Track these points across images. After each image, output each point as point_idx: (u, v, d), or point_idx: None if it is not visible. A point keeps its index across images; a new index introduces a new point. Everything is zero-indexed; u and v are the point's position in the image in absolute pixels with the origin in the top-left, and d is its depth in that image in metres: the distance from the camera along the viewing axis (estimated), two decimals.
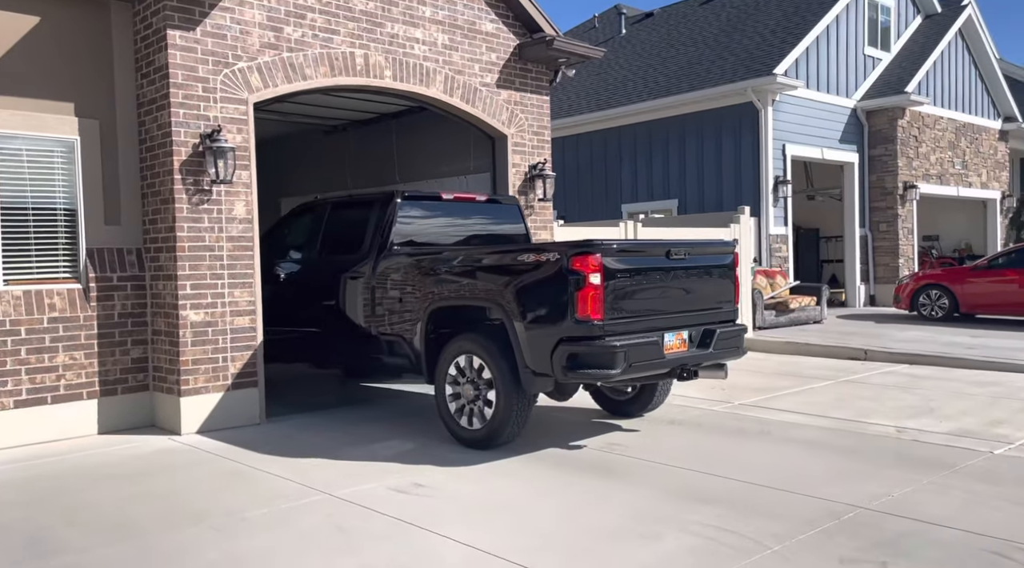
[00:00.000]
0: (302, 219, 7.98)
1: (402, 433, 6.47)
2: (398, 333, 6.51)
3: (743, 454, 5.66)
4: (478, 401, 5.80)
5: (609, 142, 16.91)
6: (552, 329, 5.32)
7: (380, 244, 6.81)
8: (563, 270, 5.26)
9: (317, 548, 4.02)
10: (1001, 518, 4.24)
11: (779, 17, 16.70)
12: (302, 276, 7.55)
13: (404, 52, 8.08)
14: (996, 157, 20.26)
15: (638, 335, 5.45)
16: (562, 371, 5.28)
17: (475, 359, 5.77)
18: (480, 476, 5.22)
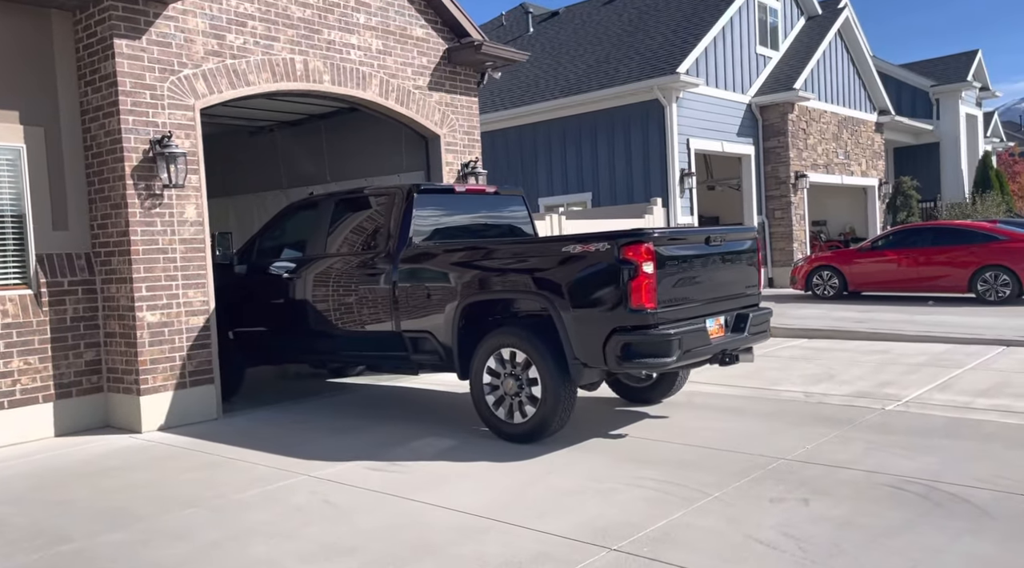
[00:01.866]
0: (300, 216, 7.71)
1: (362, 420, 6.88)
2: (424, 329, 6.33)
3: (677, 422, 6.37)
4: (520, 395, 5.74)
5: (524, 138, 17.54)
6: (605, 319, 5.29)
7: (399, 239, 6.57)
8: (615, 260, 5.22)
9: (313, 519, 4.43)
10: (895, 460, 5.06)
11: (679, 18, 17.72)
12: (305, 274, 7.22)
13: (341, 57, 8.41)
14: (873, 147, 22.08)
15: (686, 322, 5.47)
16: (616, 361, 5.27)
17: (517, 352, 5.71)
18: (449, 452, 5.72)
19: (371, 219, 7.03)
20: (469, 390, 6.08)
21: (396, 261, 6.49)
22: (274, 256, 7.62)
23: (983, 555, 3.58)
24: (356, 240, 7.09)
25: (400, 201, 6.68)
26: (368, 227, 7.03)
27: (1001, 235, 14.10)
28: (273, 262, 7.52)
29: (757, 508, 4.28)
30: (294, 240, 7.63)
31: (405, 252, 6.49)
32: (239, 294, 7.75)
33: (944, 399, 6.73)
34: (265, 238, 7.87)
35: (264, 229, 7.97)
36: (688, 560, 3.63)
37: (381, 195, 6.98)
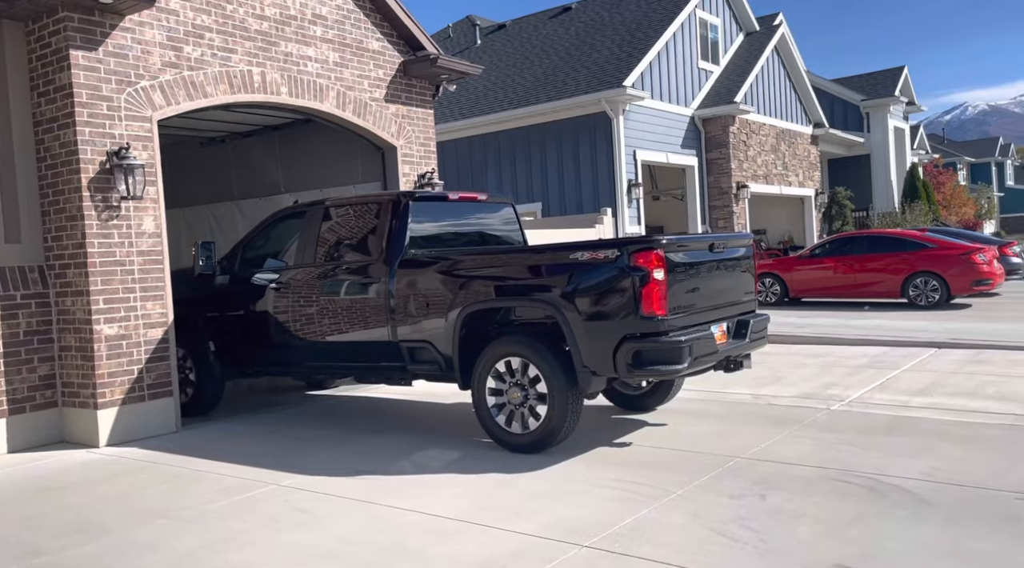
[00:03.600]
0: (286, 225, 7.53)
1: (327, 430, 6.92)
2: (423, 338, 6.21)
3: (634, 424, 6.59)
4: (526, 404, 5.67)
5: (474, 149, 17.72)
6: (615, 327, 5.27)
7: (396, 248, 6.44)
8: (626, 267, 5.21)
9: (287, 527, 4.48)
10: (842, 456, 5.36)
11: (623, 33, 18.17)
12: (293, 284, 7.04)
13: (298, 69, 8.46)
14: (810, 159, 22.93)
15: (694, 329, 5.45)
16: (626, 368, 5.25)
17: (522, 361, 5.64)
18: (417, 460, 5.82)
19: (363, 227, 6.90)
20: (471, 400, 5.98)
21: (392, 269, 6.36)
22: (259, 265, 7.45)
23: (925, 540, 3.86)
24: (347, 249, 6.97)
25: (394, 209, 6.55)
26: (360, 235, 6.91)
27: (930, 243, 14.84)
28: (258, 272, 7.37)
29: (718, 504, 4.51)
30: (280, 249, 7.47)
31: (401, 261, 6.36)
32: (221, 304, 7.61)
33: (884, 398, 7.11)
34: (249, 247, 7.66)
35: (247, 238, 7.76)
36: (657, 554, 3.83)
37: (373, 203, 6.86)
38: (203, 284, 7.65)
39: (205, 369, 7.57)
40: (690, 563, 3.70)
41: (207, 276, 7.59)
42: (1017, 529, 3.94)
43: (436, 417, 7.43)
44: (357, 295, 6.59)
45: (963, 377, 7.94)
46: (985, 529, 3.95)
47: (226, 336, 7.65)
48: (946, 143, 61.73)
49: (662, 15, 18.07)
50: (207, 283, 7.66)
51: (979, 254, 14.29)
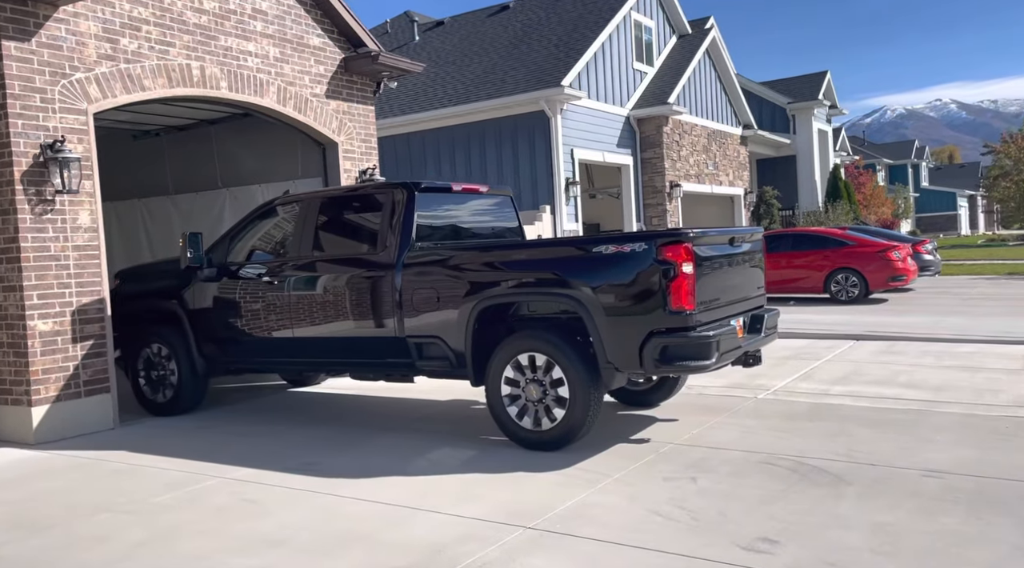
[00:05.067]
0: (275, 217, 7.25)
1: (271, 425, 6.95)
2: (432, 334, 6.00)
3: None
4: (544, 401, 5.54)
5: (413, 145, 17.76)
6: (642, 322, 5.17)
7: (402, 240, 6.20)
8: (653, 260, 5.11)
9: (236, 517, 4.55)
10: (767, 441, 5.70)
11: (561, 33, 18.46)
12: (288, 277, 6.75)
13: (239, 64, 8.42)
14: (739, 159, 23.70)
15: (717, 323, 5.39)
16: (653, 364, 5.16)
17: (541, 357, 5.50)
18: (359, 450, 5.93)
19: (365, 219, 6.68)
20: (485, 397, 5.84)
21: (399, 263, 6.13)
22: (249, 258, 7.18)
23: (841, 514, 4.19)
24: (348, 240, 6.83)
25: (400, 200, 6.31)
26: (362, 227, 6.71)
27: (851, 241, 15.59)
28: (248, 264, 7.10)
29: (653, 486, 4.77)
30: (273, 241, 7.22)
31: (409, 253, 6.14)
32: (208, 298, 7.29)
33: (807, 387, 7.53)
34: (237, 239, 7.32)
35: (236, 229, 7.41)
36: (597, 533, 4.05)
37: (375, 193, 6.67)
38: (187, 277, 7.35)
39: (188, 366, 7.32)
40: (628, 541, 3.93)
41: (193, 269, 7.26)
42: (921, 503, 4.30)
43: (388, 409, 7.54)
44: (359, 289, 6.34)
45: (878, 366, 8.45)
46: (893, 503, 4.31)
47: (212, 331, 7.28)
48: (866, 145, 64.34)
49: (598, 16, 18.43)
50: (193, 277, 7.33)
51: (895, 252, 15.08)
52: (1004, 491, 4.43)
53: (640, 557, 3.75)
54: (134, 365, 7.70)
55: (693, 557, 3.71)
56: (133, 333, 7.74)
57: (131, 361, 7.73)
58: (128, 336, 7.75)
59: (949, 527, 3.93)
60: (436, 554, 3.88)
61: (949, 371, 8.04)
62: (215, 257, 7.29)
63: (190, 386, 7.44)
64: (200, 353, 7.37)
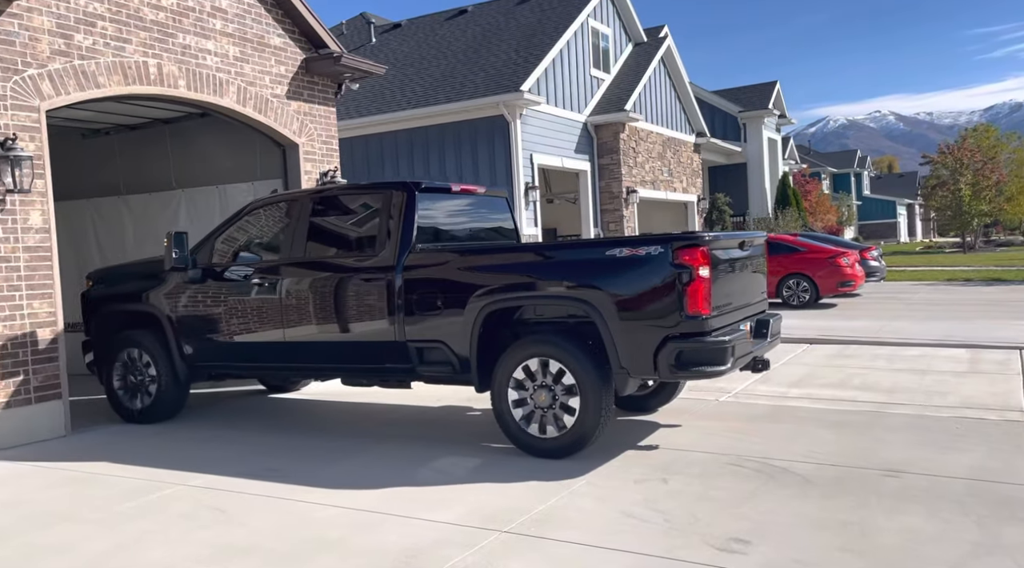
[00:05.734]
0: (268, 215, 7.00)
1: (228, 430, 6.82)
2: (435, 338, 5.81)
3: None
4: (553, 407, 5.40)
5: (371, 148, 17.62)
6: (657, 327, 5.07)
7: (403, 241, 5.99)
8: (669, 264, 5.02)
9: (202, 525, 4.46)
10: (732, 442, 5.81)
11: (520, 38, 18.54)
12: (280, 280, 6.50)
13: (197, 63, 8.25)
14: (693, 166, 24.09)
15: (729, 328, 5.32)
16: (669, 369, 5.07)
17: (551, 362, 5.37)
18: (327, 455, 5.86)
19: (362, 219, 6.46)
20: (491, 403, 5.67)
21: (399, 265, 5.93)
22: (236, 258, 6.92)
23: (808, 513, 4.29)
24: (345, 241, 6.61)
25: (400, 201, 6.10)
26: (359, 227, 6.49)
27: (801, 247, 15.97)
28: (236, 265, 6.84)
29: (624, 489, 4.81)
30: (263, 241, 6.98)
31: (410, 255, 5.96)
32: (192, 301, 6.99)
33: (765, 390, 7.69)
34: (225, 239, 7.05)
35: (223, 229, 7.12)
36: (572, 536, 4.07)
37: (373, 193, 6.47)
38: (169, 278, 7.06)
39: (169, 372, 7.03)
40: (604, 543, 3.97)
41: (177, 270, 6.94)
42: (881, 501, 4.43)
43: (343, 413, 7.46)
44: (357, 291, 6.13)
45: (832, 370, 8.68)
46: (857, 502, 4.43)
47: (196, 335, 6.98)
48: (812, 154, 66.05)
49: (556, 23, 18.55)
50: (178, 278, 7.02)
51: (844, 258, 15.51)
52: (960, 489, 4.59)
53: (616, 559, 3.78)
54: (109, 371, 7.37)
55: (668, 558, 3.75)
56: (108, 337, 7.43)
57: (106, 366, 7.39)
58: (103, 340, 7.44)
59: (911, 525, 4.06)
60: (411, 559, 3.85)
61: (900, 374, 8.29)
62: (200, 258, 6.99)
63: (171, 392, 7.15)
64: (182, 358, 7.06)
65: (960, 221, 40.15)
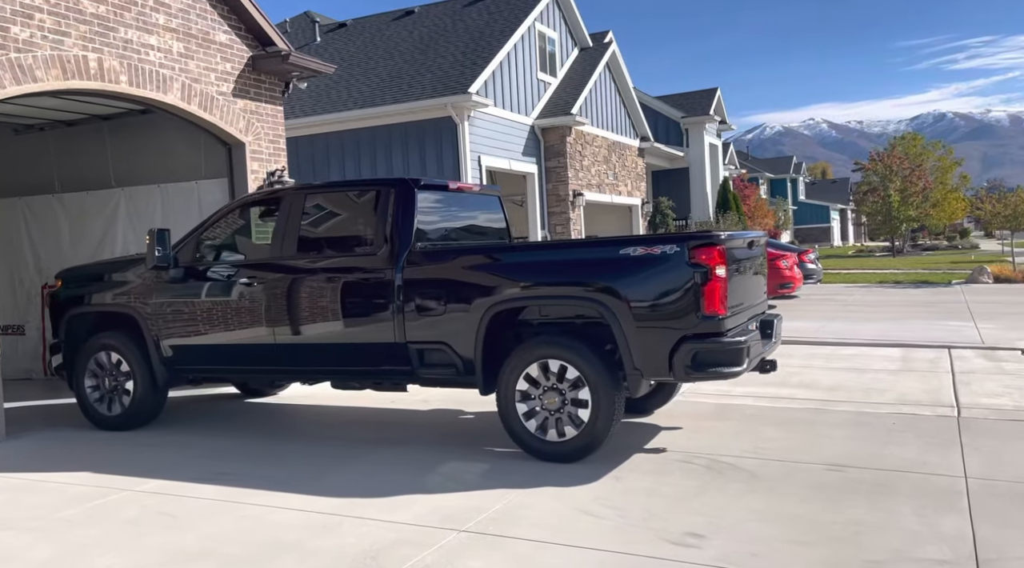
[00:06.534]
0: (253, 213, 6.79)
1: (178, 434, 6.66)
2: (437, 339, 5.64)
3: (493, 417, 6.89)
4: (563, 410, 5.29)
5: (316, 148, 17.40)
6: (673, 327, 4.99)
7: (401, 240, 5.83)
8: (685, 263, 4.95)
9: (151, 530, 4.35)
10: (681, 440, 5.92)
11: (467, 40, 18.56)
12: (270, 279, 6.24)
13: (139, 58, 8.04)
14: (637, 170, 24.46)
15: (741, 329, 5.28)
16: (684, 371, 4.99)
17: (561, 363, 5.26)
18: (281, 460, 5.78)
19: (358, 216, 6.29)
20: (496, 406, 5.53)
21: (399, 264, 5.76)
22: (222, 257, 6.69)
23: (758, 508, 4.42)
24: (341, 240, 6.37)
25: (399, 198, 5.94)
26: (355, 225, 6.33)
27: None
28: (224, 265, 6.57)
29: (579, 486, 4.87)
30: (251, 239, 6.73)
31: (411, 254, 5.80)
32: (173, 301, 6.65)
33: (710, 389, 7.84)
34: (209, 237, 6.78)
35: (207, 226, 6.83)
36: (530, 533, 4.11)
37: (369, 189, 6.29)
38: (147, 278, 6.74)
39: (146, 376, 6.69)
40: (561, 540, 4.02)
41: (158, 269, 6.62)
42: (826, 495, 4.60)
43: (287, 416, 7.36)
44: (354, 291, 5.94)
45: None
46: (801, 496, 4.58)
47: (177, 338, 6.67)
48: (750, 160, 67.67)
49: (503, 25, 18.63)
50: (159, 277, 6.68)
51: (783, 260, 15.96)
52: (899, 482, 4.78)
53: (574, 555, 3.84)
54: (80, 375, 6.98)
55: (625, 553, 3.83)
56: (79, 339, 7.08)
57: (76, 371, 7.00)
58: (73, 343, 7.08)
59: (855, 517, 4.22)
60: (371, 560, 3.84)
61: (838, 372, 8.59)
62: (182, 256, 6.68)
63: (149, 397, 6.81)
64: (162, 361, 6.72)
65: (889, 226, 41.66)
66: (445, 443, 6.05)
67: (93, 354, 6.98)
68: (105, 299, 7.06)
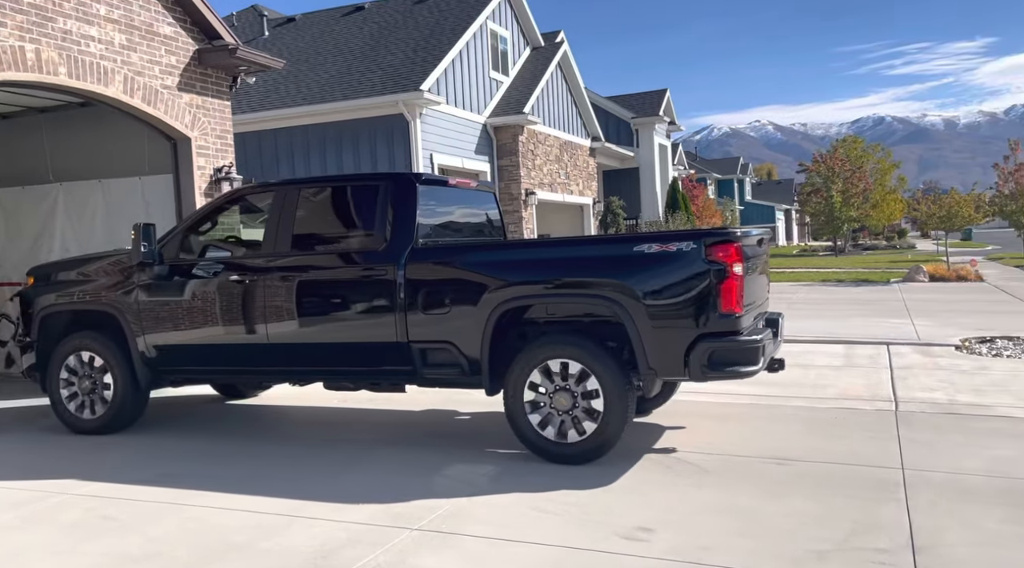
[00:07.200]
0: (249, 207, 6.53)
1: (116, 435, 6.49)
2: (442, 338, 5.49)
3: (448, 414, 6.87)
4: (574, 411, 5.18)
5: (264, 144, 17.11)
6: (689, 326, 4.91)
7: (403, 236, 5.67)
8: (702, 260, 4.88)
9: (95, 534, 4.23)
10: (628, 438, 5.96)
11: (418, 38, 18.46)
12: (262, 276, 6.00)
13: (80, 49, 7.81)
14: (588, 170, 24.65)
15: (753, 328, 5.25)
16: (701, 370, 4.91)
17: (572, 363, 5.15)
18: (230, 460, 5.67)
19: (357, 212, 6.08)
20: (504, 407, 5.39)
21: (401, 261, 5.59)
22: (214, 254, 6.42)
23: (706, 501, 4.49)
24: (340, 236, 6.17)
25: (400, 192, 5.79)
26: (354, 221, 6.12)
27: None
28: (214, 261, 6.30)
29: (529, 483, 4.90)
30: (244, 235, 6.44)
31: (412, 250, 5.63)
32: (159, 300, 6.34)
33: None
34: (197, 232, 6.55)
35: (195, 221, 6.59)
36: (482, 530, 4.12)
37: (368, 184, 6.11)
38: (129, 275, 6.43)
39: (128, 378, 6.39)
40: (513, 536, 4.03)
41: (142, 265, 6.34)
42: (767, 486, 4.71)
43: (233, 414, 7.24)
44: (354, 289, 5.79)
45: None
46: (750, 489, 4.67)
47: (162, 338, 6.37)
48: (698, 160, 68.76)
49: (455, 23, 18.58)
50: (144, 273, 6.38)
51: None
52: (840, 474, 4.92)
53: (526, 551, 3.86)
54: (54, 377, 6.65)
55: (577, 548, 3.86)
56: (53, 339, 6.75)
57: (51, 372, 6.67)
58: (47, 343, 6.74)
59: (799, 508, 4.33)
60: (322, 560, 3.80)
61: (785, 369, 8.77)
62: (168, 252, 6.40)
63: (130, 400, 6.47)
64: (145, 361, 6.41)
65: (832, 226, 42.75)
66: (401, 442, 6.02)
67: (68, 355, 6.63)
68: (82, 297, 6.70)
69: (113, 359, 6.45)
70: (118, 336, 6.48)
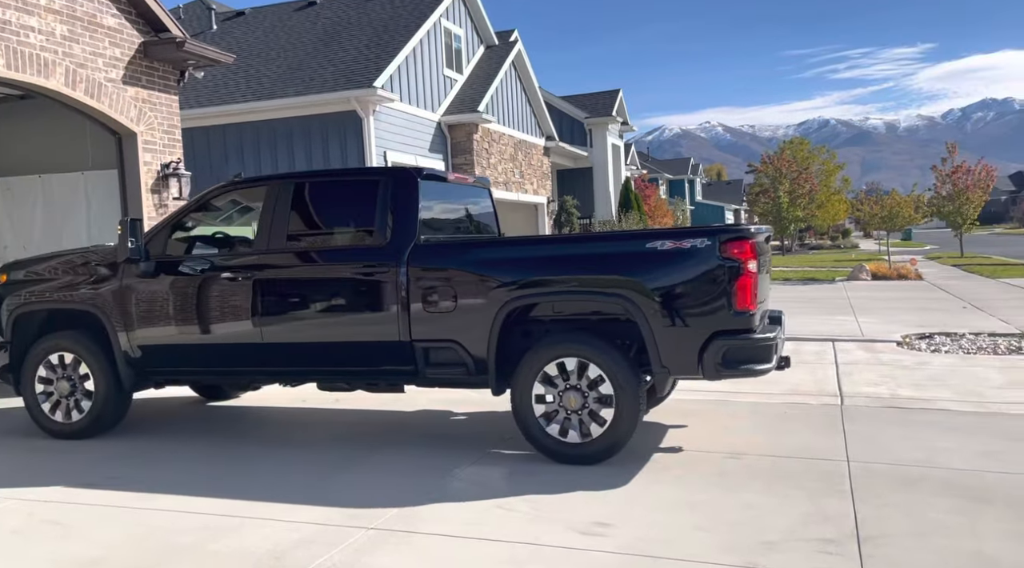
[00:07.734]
0: (239, 202, 6.39)
1: (43, 437, 6.30)
2: (447, 337, 5.37)
3: (412, 415, 6.83)
4: (583, 411, 5.09)
5: (213, 140, 16.77)
6: (704, 324, 4.86)
7: (404, 232, 5.52)
8: (716, 257, 4.83)
9: (38, 540, 4.10)
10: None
11: (371, 34, 18.30)
12: (255, 273, 5.79)
13: (18, 40, 7.55)
14: (543, 169, 24.74)
15: (763, 325, 5.19)
16: (715, 368, 4.87)
17: (581, 362, 5.07)
18: (184, 464, 5.54)
19: (357, 208, 5.88)
20: (511, 407, 5.29)
21: (404, 257, 5.45)
22: (204, 250, 6.19)
23: (664, 496, 4.54)
24: (339, 232, 6.05)
25: (402, 188, 5.65)
26: (353, 217, 5.96)
27: None
28: (204, 258, 6.05)
29: (489, 480, 4.90)
30: (236, 231, 6.32)
31: (416, 247, 5.49)
32: (144, 299, 6.10)
33: None
34: (185, 228, 6.33)
35: (182, 216, 6.35)
36: (439, 528, 4.10)
37: (368, 180, 5.97)
38: (111, 272, 6.17)
39: (110, 379, 6.13)
40: (472, 533, 4.02)
41: (132, 262, 6.06)
42: (724, 481, 4.78)
43: (190, 412, 7.08)
44: (354, 287, 5.65)
45: None
46: (703, 484, 4.74)
47: (147, 337, 6.12)
48: (650, 161, 69.56)
49: (408, 20, 18.47)
50: (130, 270, 6.12)
51: None
52: (791, 467, 5.03)
53: (485, 548, 3.85)
54: (29, 379, 6.34)
55: (536, 544, 3.87)
56: (28, 339, 6.44)
57: (26, 374, 6.35)
58: (21, 343, 6.44)
59: (752, 501, 4.41)
60: (276, 560, 3.74)
61: None
62: (154, 248, 6.13)
63: (112, 403, 6.21)
64: (128, 362, 6.15)
65: (779, 226, 43.66)
66: (355, 440, 5.96)
67: (45, 355, 6.32)
68: (61, 295, 6.38)
69: (94, 360, 6.17)
70: (100, 336, 6.22)
